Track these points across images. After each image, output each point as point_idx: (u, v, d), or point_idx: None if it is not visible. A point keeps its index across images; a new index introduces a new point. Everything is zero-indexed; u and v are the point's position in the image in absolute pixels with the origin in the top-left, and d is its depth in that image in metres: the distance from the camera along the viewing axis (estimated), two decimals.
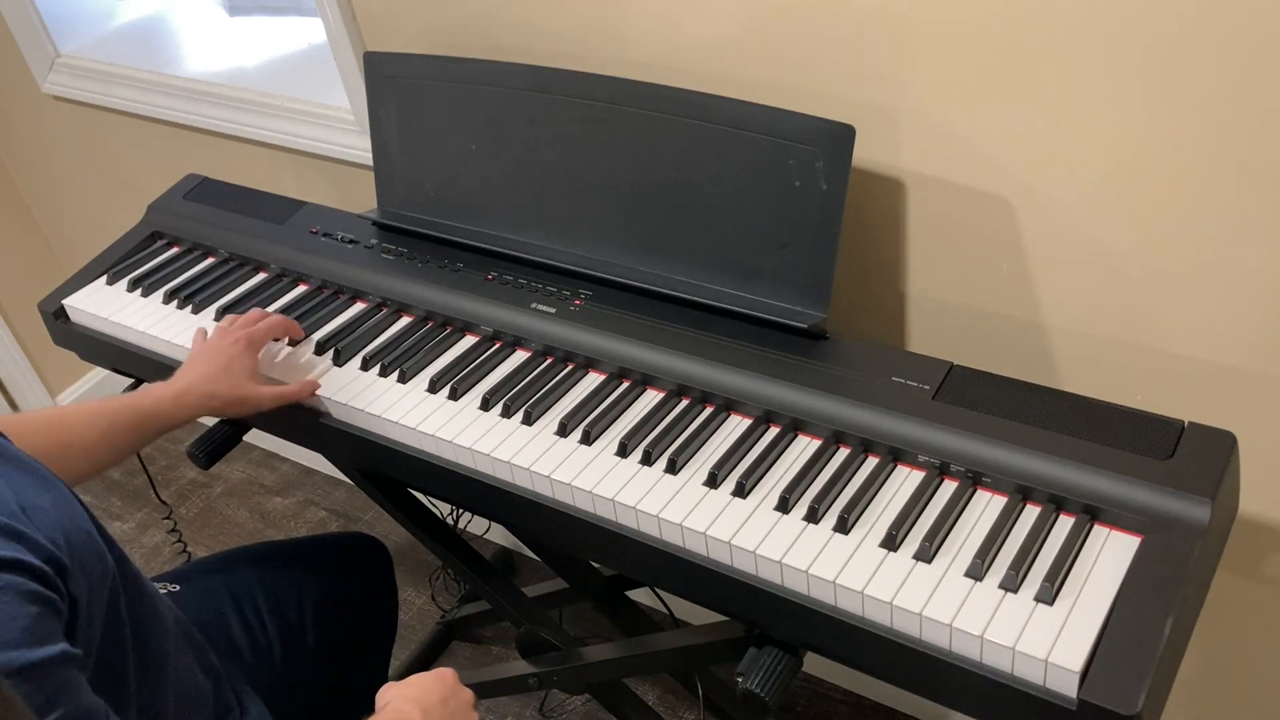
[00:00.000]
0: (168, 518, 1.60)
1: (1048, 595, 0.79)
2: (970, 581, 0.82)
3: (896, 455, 0.94)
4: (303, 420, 1.15)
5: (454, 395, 1.09)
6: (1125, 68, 0.92)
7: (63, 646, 0.68)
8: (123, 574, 0.83)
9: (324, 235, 1.33)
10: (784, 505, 0.91)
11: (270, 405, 1.11)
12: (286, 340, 1.21)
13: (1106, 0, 0.90)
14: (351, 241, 1.31)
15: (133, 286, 1.36)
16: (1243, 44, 0.86)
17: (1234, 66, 0.88)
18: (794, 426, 0.99)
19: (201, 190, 1.48)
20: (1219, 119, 0.90)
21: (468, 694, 0.92)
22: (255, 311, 1.19)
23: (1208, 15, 0.87)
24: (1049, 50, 0.95)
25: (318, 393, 1.12)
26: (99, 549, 0.78)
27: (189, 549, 1.50)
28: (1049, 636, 0.77)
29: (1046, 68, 0.96)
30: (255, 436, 2.24)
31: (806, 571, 0.85)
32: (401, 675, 1.76)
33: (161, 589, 1.13)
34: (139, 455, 1.47)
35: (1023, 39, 0.96)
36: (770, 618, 0.89)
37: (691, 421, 1.01)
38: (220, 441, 1.29)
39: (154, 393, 1.08)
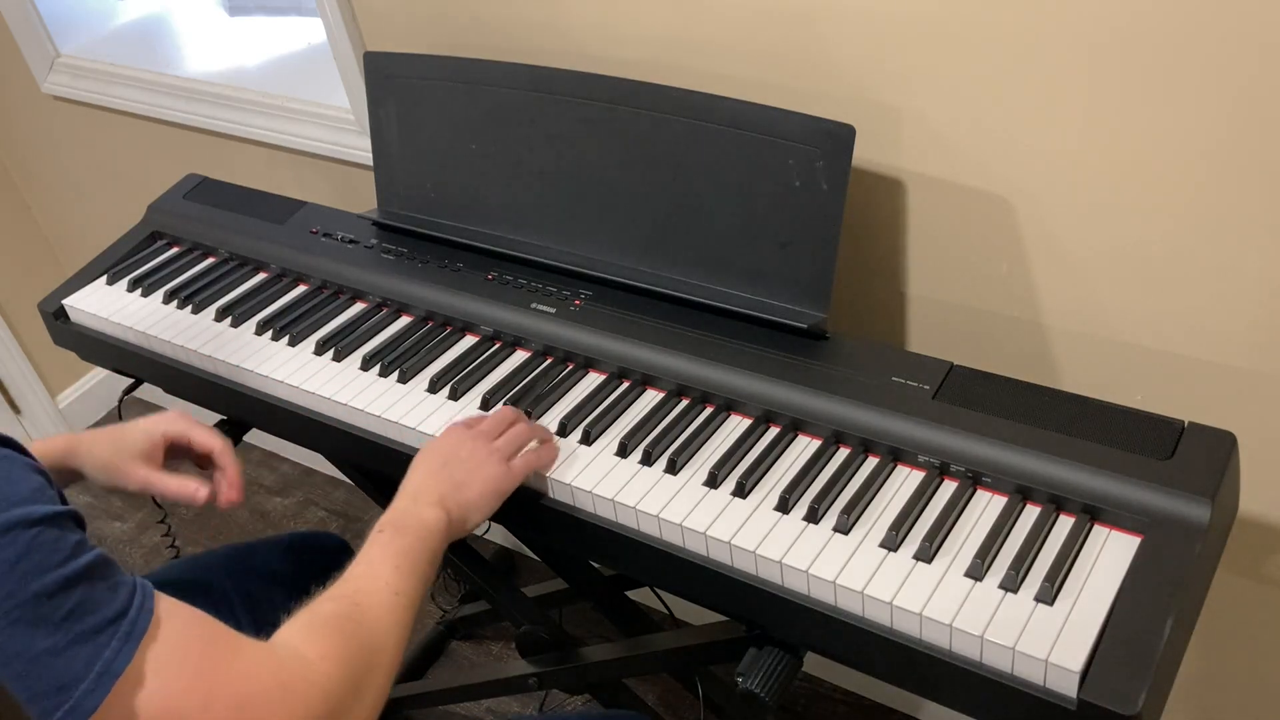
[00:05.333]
0: (162, 521, 1.60)
1: (1048, 595, 0.79)
2: (970, 581, 0.82)
3: (896, 455, 0.94)
4: (302, 420, 1.15)
5: (454, 395, 1.09)
6: (1125, 68, 0.92)
7: (71, 508, 0.70)
8: None
9: (324, 235, 1.33)
10: (784, 505, 0.91)
11: (133, 488, 1.06)
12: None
13: (1107, 1, 0.90)
14: (351, 241, 1.31)
15: (133, 286, 1.36)
16: (1242, 44, 0.86)
17: (1234, 67, 0.88)
18: (794, 426, 0.99)
19: (201, 190, 1.47)
20: (1218, 119, 0.91)
21: (489, 442, 0.96)
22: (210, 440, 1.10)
23: (1208, 16, 0.87)
24: (1049, 50, 0.95)
25: (318, 392, 1.12)
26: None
27: (180, 553, 1.50)
28: (1049, 636, 0.77)
29: (1047, 68, 0.96)
30: (255, 436, 2.24)
31: (806, 571, 0.85)
32: (400, 676, 1.77)
33: None
34: None
35: (1023, 39, 0.96)
36: (770, 618, 0.89)
37: (691, 421, 1.01)
38: None
39: (53, 439, 1.08)
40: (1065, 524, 0.85)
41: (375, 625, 0.81)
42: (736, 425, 1.00)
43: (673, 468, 0.96)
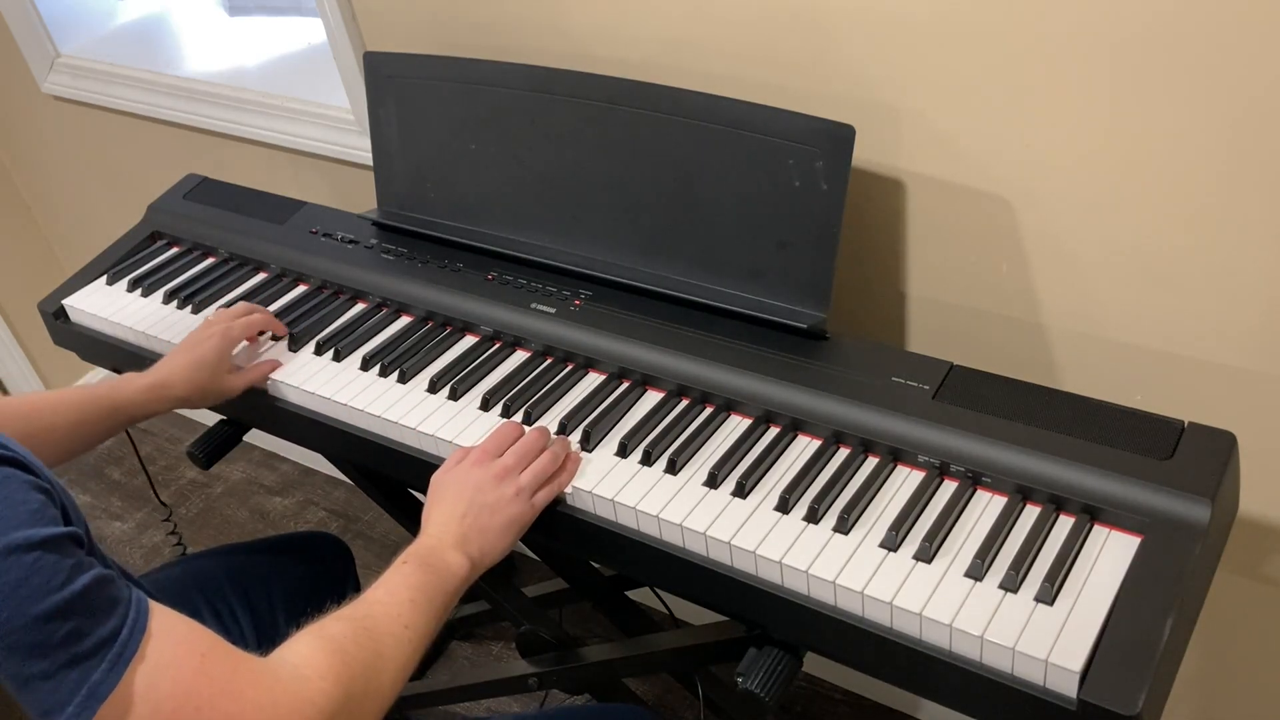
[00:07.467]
0: (168, 519, 1.60)
1: (1048, 595, 0.79)
2: (970, 581, 0.82)
3: (896, 455, 0.94)
4: (302, 420, 1.15)
5: (454, 395, 1.09)
6: (1125, 68, 0.92)
7: (70, 529, 0.70)
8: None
9: (324, 235, 1.33)
10: (784, 505, 0.91)
11: (239, 391, 1.15)
12: (269, 335, 1.21)
13: (1106, 1, 0.90)
14: (351, 241, 1.31)
15: (133, 286, 1.36)
16: (1242, 45, 0.86)
17: (1234, 67, 0.88)
18: (794, 426, 0.99)
19: (201, 190, 1.48)
20: (1218, 119, 0.90)
21: (510, 483, 0.94)
22: (241, 305, 1.20)
23: (1209, 17, 0.87)
24: (1049, 50, 0.95)
25: (318, 392, 1.12)
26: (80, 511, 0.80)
27: (187, 550, 1.50)
28: (1049, 636, 0.77)
29: (1047, 68, 0.96)
30: (255, 436, 2.24)
31: (806, 572, 0.85)
32: None
33: None
34: (138, 456, 1.48)
35: (1023, 39, 0.96)
36: (770, 618, 0.89)
37: (691, 421, 1.01)
38: (220, 441, 1.30)
39: (128, 385, 1.11)
40: (1065, 524, 0.85)
41: (380, 654, 0.81)
42: (736, 425, 1.00)
43: (673, 468, 0.96)
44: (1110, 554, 0.82)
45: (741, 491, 0.93)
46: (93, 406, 1.08)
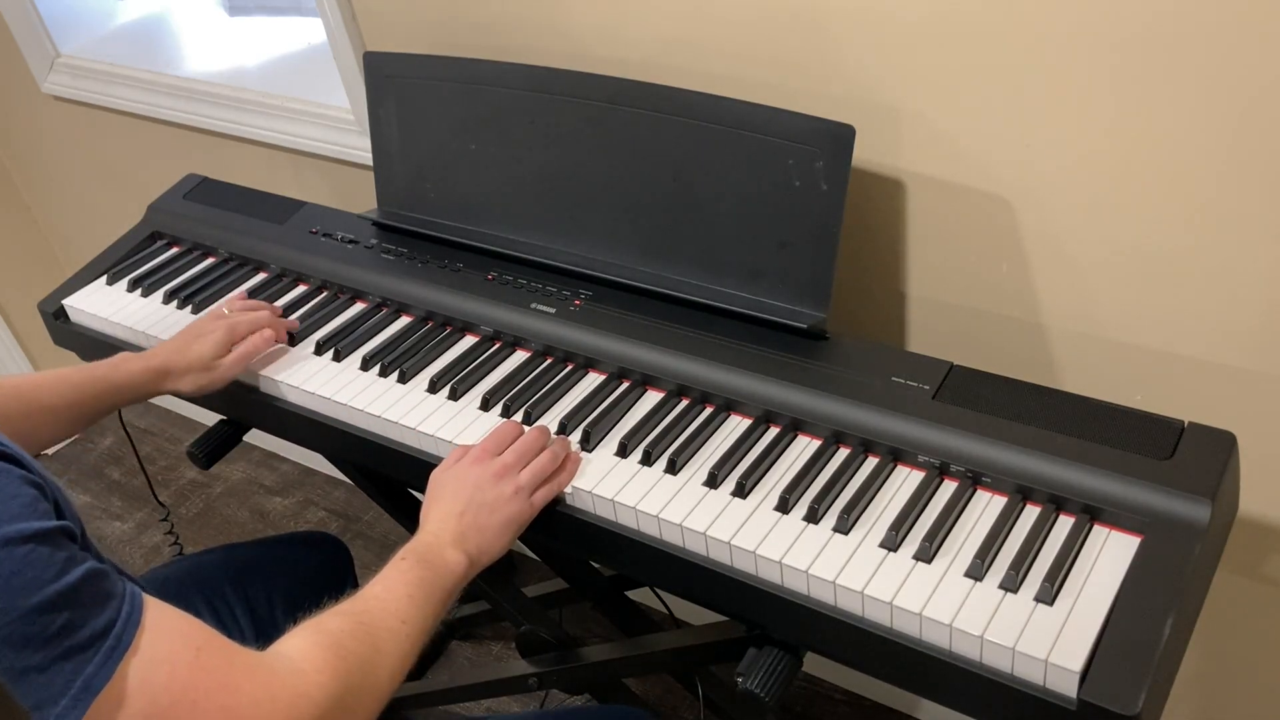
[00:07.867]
0: (165, 519, 1.60)
1: (1048, 595, 0.79)
2: (970, 581, 0.82)
3: (896, 455, 0.94)
4: (302, 420, 1.15)
5: (454, 395, 1.09)
6: (1126, 68, 0.92)
7: (63, 523, 0.69)
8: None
9: (324, 235, 1.33)
10: (784, 505, 0.91)
11: (236, 370, 1.14)
12: (286, 342, 1.21)
13: (1106, 1, 0.90)
14: (351, 241, 1.31)
15: (133, 286, 1.36)
16: (1242, 45, 0.86)
17: (1235, 67, 0.88)
18: (794, 426, 0.99)
19: (201, 190, 1.48)
20: (1219, 119, 0.90)
21: (508, 479, 0.94)
22: (257, 305, 1.21)
23: (1209, 17, 0.87)
24: (1049, 50, 0.95)
25: (318, 392, 1.12)
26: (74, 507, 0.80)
27: (184, 550, 1.50)
28: (1049, 636, 0.77)
29: (1047, 68, 0.96)
30: (255, 436, 2.24)
31: (806, 572, 0.85)
32: None
33: None
34: (138, 456, 1.48)
35: (1023, 39, 0.96)
36: (770, 618, 0.89)
37: (691, 421, 1.01)
38: (220, 441, 1.30)
39: (127, 365, 1.11)
40: (1065, 524, 0.85)
41: (377, 649, 0.80)
42: (736, 425, 1.00)
43: (673, 468, 0.96)
44: (1110, 554, 0.82)
45: (741, 491, 0.93)
46: (90, 386, 1.09)
